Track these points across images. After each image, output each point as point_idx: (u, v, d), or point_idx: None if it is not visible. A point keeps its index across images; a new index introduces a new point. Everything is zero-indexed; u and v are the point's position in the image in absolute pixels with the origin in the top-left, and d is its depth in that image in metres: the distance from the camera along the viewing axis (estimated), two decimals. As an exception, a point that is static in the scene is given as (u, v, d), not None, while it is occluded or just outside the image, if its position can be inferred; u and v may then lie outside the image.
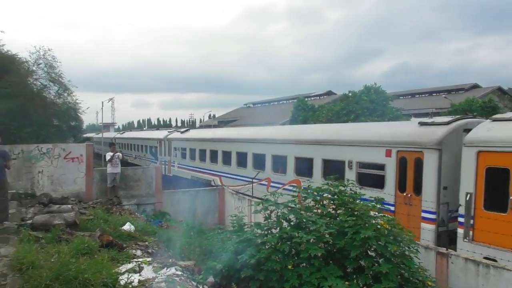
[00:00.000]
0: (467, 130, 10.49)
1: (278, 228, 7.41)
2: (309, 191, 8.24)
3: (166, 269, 6.68)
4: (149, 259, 7.28)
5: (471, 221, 9.74)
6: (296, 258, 6.97)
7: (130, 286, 5.71)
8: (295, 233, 7.01)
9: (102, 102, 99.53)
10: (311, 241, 6.84)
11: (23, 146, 14.15)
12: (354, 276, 6.79)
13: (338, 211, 7.83)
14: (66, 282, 5.25)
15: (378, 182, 12.28)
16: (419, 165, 11.27)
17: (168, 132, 33.44)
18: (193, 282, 6.58)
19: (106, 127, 72.20)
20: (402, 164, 11.75)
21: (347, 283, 6.42)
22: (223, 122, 72.19)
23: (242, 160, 19.87)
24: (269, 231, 7.56)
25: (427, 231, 10.70)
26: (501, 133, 9.48)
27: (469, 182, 9.81)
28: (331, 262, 6.94)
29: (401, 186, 11.75)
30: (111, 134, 58.40)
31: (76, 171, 14.38)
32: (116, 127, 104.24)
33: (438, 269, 8.21)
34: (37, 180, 13.85)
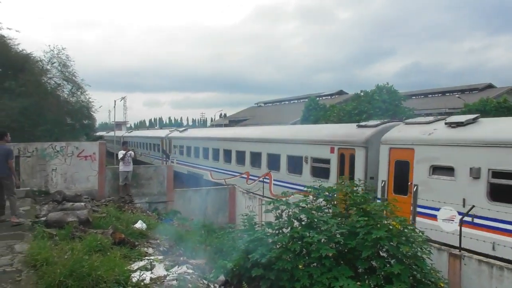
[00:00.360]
0: None
1: (289, 228, 7.41)
2: (320, 190, 8.23)
3: (178, 267, 6.72)
4: (161, 257, 7.33)
5: (385, 203, 10.97)
6: (307, 258, 6.96)
7: (142, 283, 5.75)
8: (306, 232, 7.00)
9: (115, 101, 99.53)
10: (322, 241, 6.83)
11: (37, 144, 14.32)
12: (366, 276, 6.76)
13: (350, 211, 7.80)
14: (80, 279, 5.30)
15: (325, 173, 14.76)
16: (352, 159, 13.68)
17: (170, 131, 35.98)
18: (204, 281, 6.61)
19: (118, 125, 72.67)
20: (341, 158, 14.29)
21: (358, 283, 6.40)
22: (234, 121, 72.15)
23: (228, 156, 22.33)
24: (280, 231, 7.56)
25: None
26: (406, 134, 12.22)
27: (384, 172, 12.32)
28: (342, 262, 6.91)
29: (341, 176, 13.80)
30: (120, 133, 59.87)
31: (89, 169, 14.53)
32: (128, 125, 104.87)
33: (451, 270, 8.13)
34: (51, 177, 14.03)
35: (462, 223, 8.77)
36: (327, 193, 8.25)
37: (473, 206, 9.16)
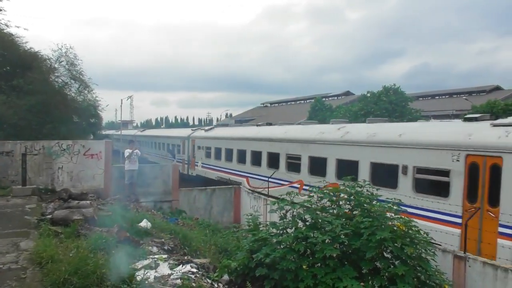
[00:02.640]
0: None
1: (294, 228, 7.40)
2: (325, 191, 8.21)
3: (182, 266, 6.76)
4: (165, 256, 7.36)
5: (191, 161, 30.17)
6: (311, 258, 6.96)
7: (146, 282, 5.78)
8: (310, 233, 7.00)
9: (121, 100, 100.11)
10: (326, 242, 6.82)
11: (44, 142, 14.39)
12: (370, 277, 6.75)
13: (354, 212, 7.78)
14: (84, 277, 5.34)
15: (184, 151, 31.39)
16: (191, 145, 29.98)
17: (138, 131, 58.95)
18: (208, 280, 6.63)
19: (125, 124, 73.26)
20: (183, 144, 31.32)
21: (362, 284, 6.39)
22: (240, 121, 72.21)
23: (160, 147, 39.99)
24: (285, 231, 7.56)
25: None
26: (196, 134, 30.60)
27: (191, 150, 30.11)
28: (346, 263, 6.90)
29: (189, 153, 30.22)
30: (112, 131, 67.52)
31: (95, 168, 14.57)
32: (135, 124, 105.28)
33: (455, 272, 8.09)
34: (57, 175, 14.09)
35: (466, 228, 8.74)
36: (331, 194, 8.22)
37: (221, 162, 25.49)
